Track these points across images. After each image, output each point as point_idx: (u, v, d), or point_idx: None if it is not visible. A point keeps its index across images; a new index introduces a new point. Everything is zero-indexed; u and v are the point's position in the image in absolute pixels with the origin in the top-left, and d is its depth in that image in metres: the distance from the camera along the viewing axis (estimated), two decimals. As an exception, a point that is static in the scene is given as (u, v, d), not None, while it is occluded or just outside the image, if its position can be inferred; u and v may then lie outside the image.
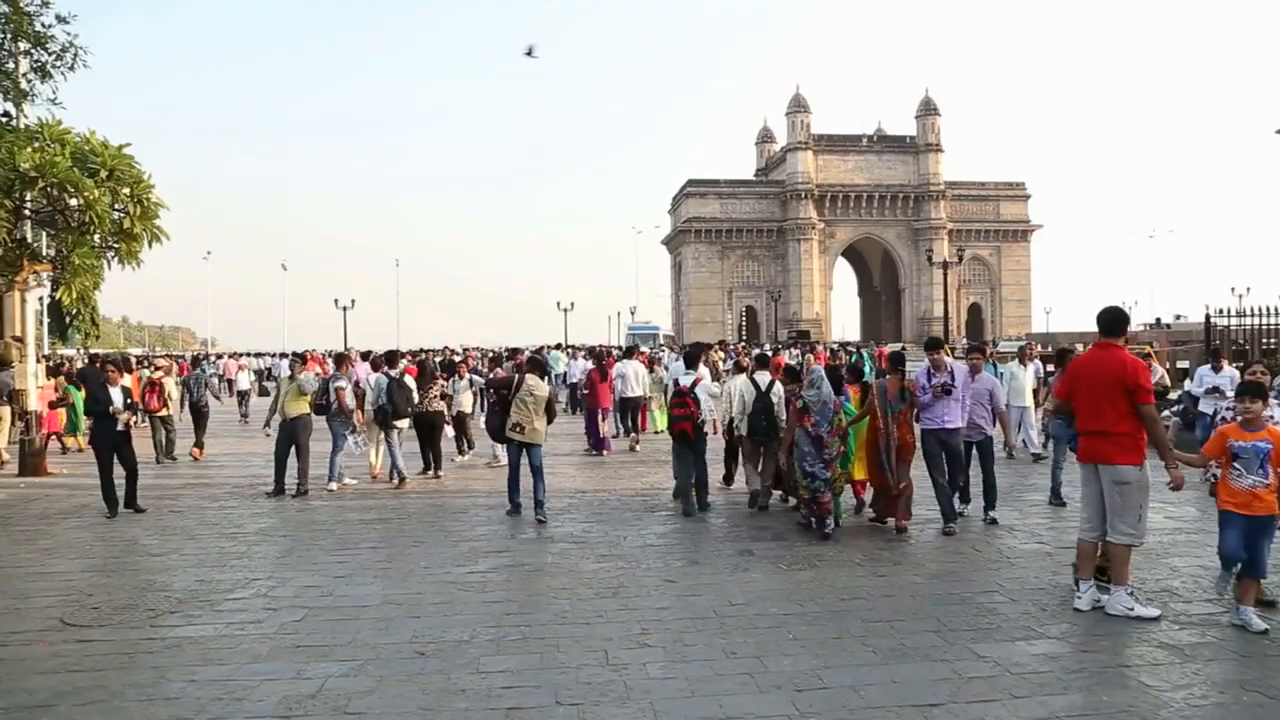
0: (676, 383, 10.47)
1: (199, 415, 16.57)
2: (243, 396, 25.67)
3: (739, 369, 12.73)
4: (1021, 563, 7.29)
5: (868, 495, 9.44)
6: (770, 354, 14.64)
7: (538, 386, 9.64)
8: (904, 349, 29.57)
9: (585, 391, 17.00)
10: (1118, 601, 5.80)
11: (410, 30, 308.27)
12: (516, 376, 9.78)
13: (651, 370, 18.63)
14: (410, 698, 4.60)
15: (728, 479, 11.16)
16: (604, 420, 15.85)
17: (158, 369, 17.07)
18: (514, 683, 4.78)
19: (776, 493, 9.99)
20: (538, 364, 10.39)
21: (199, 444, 15.73)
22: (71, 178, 11.48)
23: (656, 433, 18.29)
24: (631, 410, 16.48)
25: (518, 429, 9.48)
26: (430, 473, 12.61)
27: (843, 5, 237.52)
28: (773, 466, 9.72)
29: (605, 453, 15.06)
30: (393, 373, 12.36)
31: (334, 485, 11.42)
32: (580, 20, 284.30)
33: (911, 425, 8.81)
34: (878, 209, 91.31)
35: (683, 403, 9.69)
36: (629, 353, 18.36)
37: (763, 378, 9.88)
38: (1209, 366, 12.39)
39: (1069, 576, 6.76)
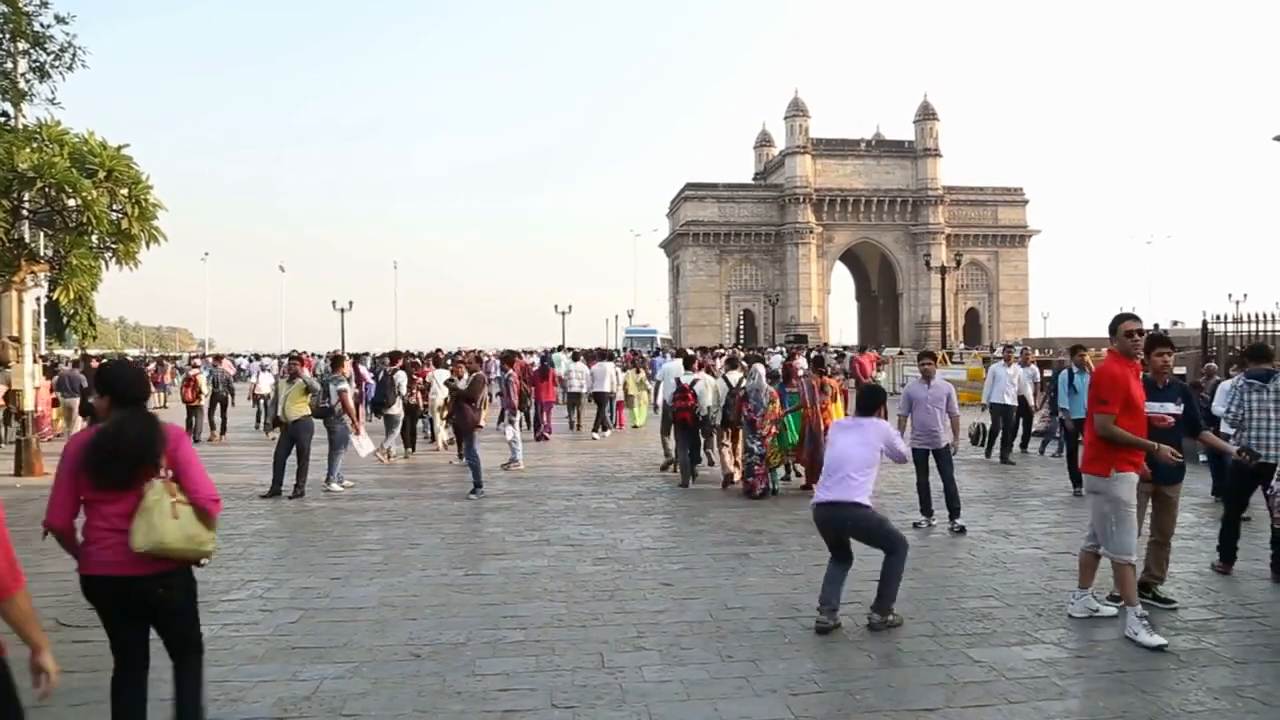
0: (679, 380, 12.14)
1: (222, 404, 19.94)
2: (261, 402, 21.13)
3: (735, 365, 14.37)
4: (1017, 568, 7.30)
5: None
6: (786, 357, 16.65)
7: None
8: (901, 352, 29.66)
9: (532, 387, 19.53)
10: (1128, 623, 5.47)
11: (410, 35, 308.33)
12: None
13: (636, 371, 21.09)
14: (406, 700, 4.60)
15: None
16: (546, 413, 18.36)
17: (193, 367, 22.80)
18: (509, 685, 4.78)
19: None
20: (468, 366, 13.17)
21: (223, 429, 19.47)
22: (69, 178, 11.47)
23: (634, 427, 19.71)
24: (599, 403, 18.99)
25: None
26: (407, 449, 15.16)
27: (842, 10, 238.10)
28: (740, 447, 11.39)
29: (547, 438, 17.59)
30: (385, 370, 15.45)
31: (334, 486, 11.42)
32: (579, 26, 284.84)
33: (831, 412, 10.86)
34: (876, 213, 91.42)
35: (684, 396, 11.56)
36: (601, 355, 21.90)
37: (733, 376, 11.82)
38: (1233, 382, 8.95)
39: (1064, 581, 6.77)
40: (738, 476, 11.15)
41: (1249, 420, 7.29)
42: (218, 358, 40.21)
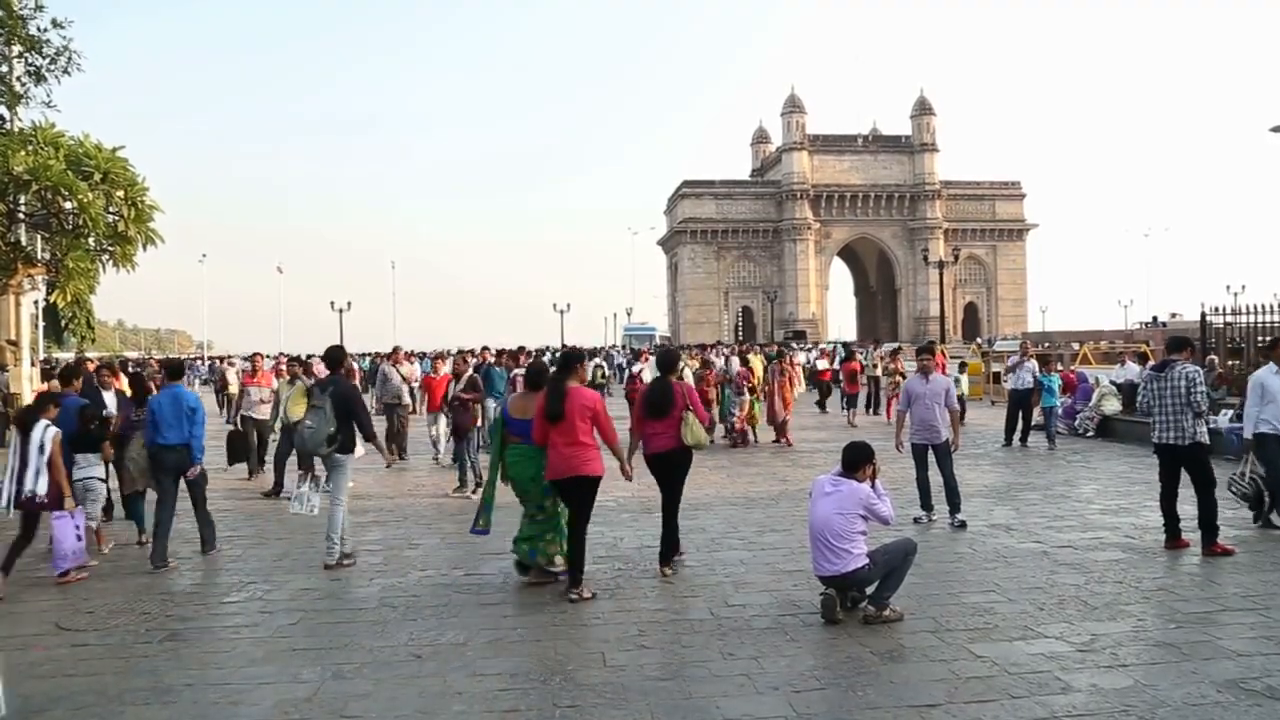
0: (633, 369, 17.58)
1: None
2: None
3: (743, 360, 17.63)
4: (1018, 562, 7.28)
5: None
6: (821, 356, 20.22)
7: None
8: (900, 348, 29.82)
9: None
10: None
11: (408, 31, 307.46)
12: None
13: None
14: (407, 700, 4.58)
15: None
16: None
17: (230, 365, 27.51)
18: (511, 685, 4.77)
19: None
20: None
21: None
22: (65, 181, 11.45)
23: None
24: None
25: None
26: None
27: (838, 6, 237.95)
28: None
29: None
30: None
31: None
32: (577, 22, 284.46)
33: (787, 387, 15.83)
34: (873, 209, 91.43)
35: (632, 381, 16.61)
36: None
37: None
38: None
39: (1066, 575, 6.78)
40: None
41: (1153, 406, 7.69)
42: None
